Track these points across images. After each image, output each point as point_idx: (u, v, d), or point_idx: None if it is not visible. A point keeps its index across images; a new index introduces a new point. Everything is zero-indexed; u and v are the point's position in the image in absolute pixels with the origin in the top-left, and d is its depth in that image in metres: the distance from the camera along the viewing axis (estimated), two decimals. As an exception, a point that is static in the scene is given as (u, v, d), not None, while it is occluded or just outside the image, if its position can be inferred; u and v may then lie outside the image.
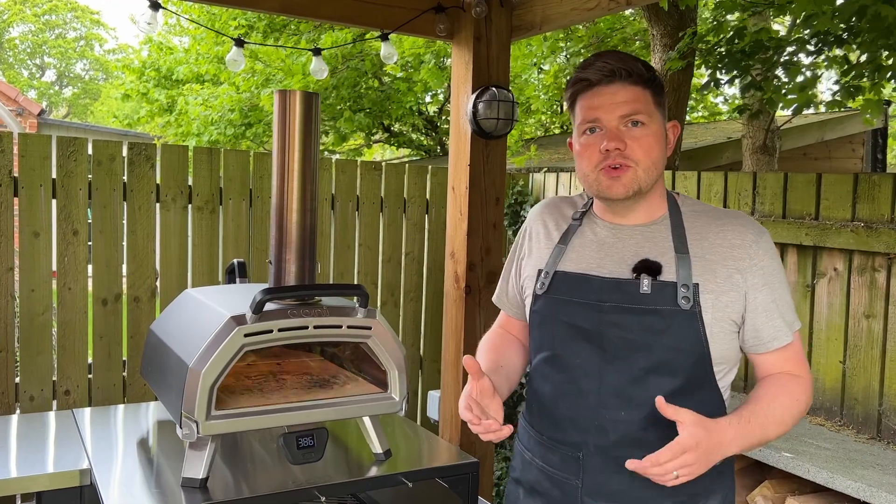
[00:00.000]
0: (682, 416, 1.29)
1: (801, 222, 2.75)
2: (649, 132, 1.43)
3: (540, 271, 1.56)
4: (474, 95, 2.96)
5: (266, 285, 1.93)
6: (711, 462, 1.32)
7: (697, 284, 1.40)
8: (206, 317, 1.79)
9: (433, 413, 3.50)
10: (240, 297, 1.96)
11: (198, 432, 1.65)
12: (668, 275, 1.42)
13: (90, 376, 3.20)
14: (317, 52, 2.93)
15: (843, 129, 6.28)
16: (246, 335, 1.68)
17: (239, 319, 1.69)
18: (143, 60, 11.89)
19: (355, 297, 1.84)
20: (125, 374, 3.27)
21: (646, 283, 1.41)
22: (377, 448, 1.98)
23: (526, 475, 1.60)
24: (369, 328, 1.85)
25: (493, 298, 1.79)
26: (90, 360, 3.20)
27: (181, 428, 1.66)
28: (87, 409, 2.38)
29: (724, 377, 1.47)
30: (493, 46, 3.00)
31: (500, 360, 1.64)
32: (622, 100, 1.42)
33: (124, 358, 3.28)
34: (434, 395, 3.45)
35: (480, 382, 1.42)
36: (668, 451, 1.27)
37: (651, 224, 1.49)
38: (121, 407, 2.47)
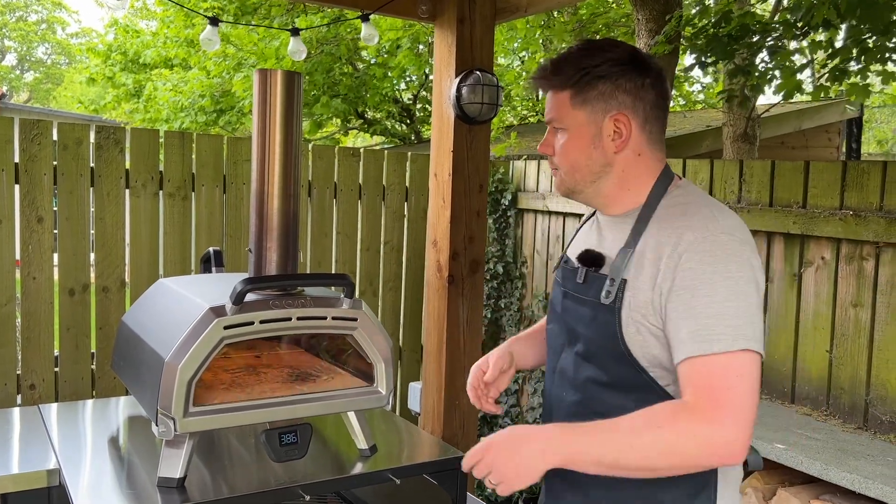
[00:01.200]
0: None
1: (789, 210, 2.72)
2: (566, 136, 1.42)
3: (562, 256, 1.64)
4: (458, 79, 2.88)
5: (245, 275, 1.84)
6: (522, 468, 1.23)
7: (625, 280, 1.34)
8: (182, 308, 1.70)
9: (414, 405, 3.43)
10: (218, 288, 1.86)
11: (175, 430, 1.56)
12: (607, 268, 1.41)
13: (57, 370, 3.07)
14: (295, 32, 2.82)
15: (821, 118, 6.32)
16: (226, 327, 1.59)
17: (218, 311, 1.60)
18: (109, 44, 11.59)
19: (341, 288, 1.75)
20: (94, 366, 3.15)
21: (581, 274, 1.44)
22: (362, 444, 1.90)
23: None
24: (355, 319, 1.77)
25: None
26: (56, 352, 3.08)
27: (157, 425, 1.57)
28: (54, 405, 2.26)
29: (673, 387, 1.32)
30: (478, 28, 2.92)
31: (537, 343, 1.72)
32: (547, 107, 1.46)
33: (93, 350, 3.15)
34: (415, 387, 3.38)
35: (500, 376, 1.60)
36: (469, 457, 1.31)
37: (622, 216, 1.45)
38: (89, 402, 2.35)
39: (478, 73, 2.88)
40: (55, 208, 3.01)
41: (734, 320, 1.22)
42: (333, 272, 3.67)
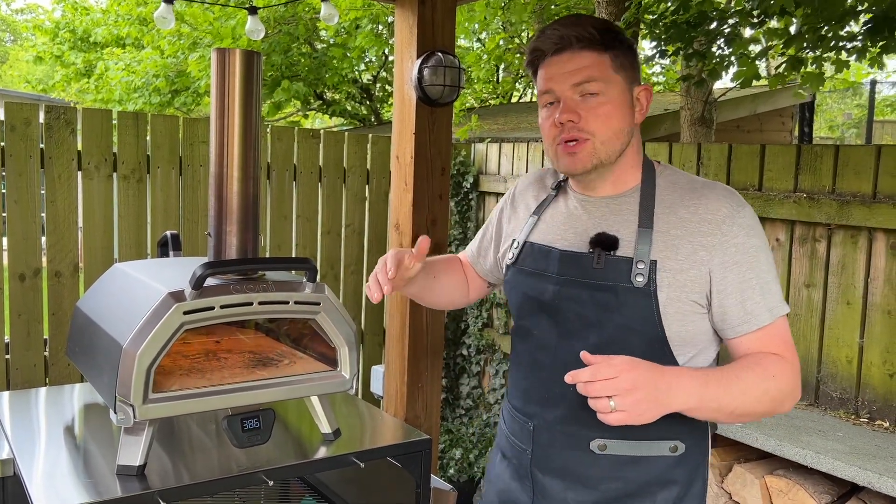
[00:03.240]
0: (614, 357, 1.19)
1: (745, 193, 2.77)
2: (606, 100, 1.34)
3: (514, 241, 1.55)
4: (419, 61, 2.86)
5: (204, 259, 1.80)
6: (661, 404, 1.18)
7: (655, 261, 1.32)
8: (139, 293, 1.66)
9: (377, 388, 3.43)
10: (176, 272, 1.82)
11: (134, 417, 1.53)
12: (626, 250, 1.35)
13: (7, 357, 2.99)
14: (252, 10, 2.76)
15: (775, 102, 6.44)
16: (185, 312, 1.56)
17: (177, 296, 1.56)
18: (57, 21, 11.22)
19: (303, 272, 1.73)
20: (47, 353, 3.07)
21: (600, 258, 1.35)
22: (326, 428, 1.89)
23: (500, 440, 1.62)
24: (318, 304, 1.75)
25: (463, 254, 1.81)
26: (7, 339, 2.99)
27: (115, 413, 1.54)
28: (6, 394, 2.20)
29: (692, 361, 1.37)
30: (439, 9, 2.89)
31: (440, 272, 1.70)
32: (574, 67, 1.35)
33: (45, 336, 3.07)
34: (378, 370, 3.37)
35: (411, 258, 1.45)
36: (589, 370, 1.16)
37: (619, 196, 1.41)
38: (42, 390, 2.29)
39: (439, 54, 2.86)
40: (3, 191, 2.92)
41: (776, 287, 1.35)
42: (294, 256, 3.63)
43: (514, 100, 10.88)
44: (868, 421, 2.45)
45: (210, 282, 1.62)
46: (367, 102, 10.33)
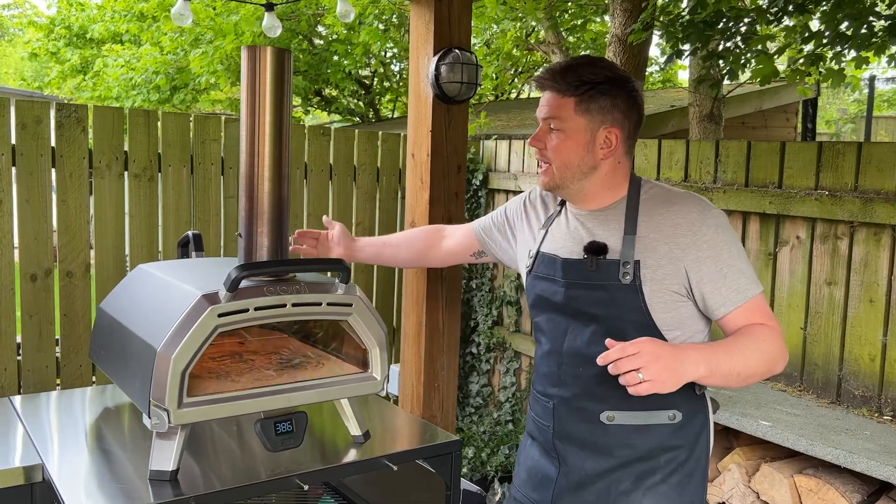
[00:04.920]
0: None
1: (765, 191, 2.75)
2: (565, 137, 1.62)
3: (529, 251, 1.80)
4: (436, 58, 2.83)
5: (229, 259, 1.78)
6: (678, 373, 1.41)
7: (638, 261, 1.57)
8: (171, 295, 1.63)
9: (392, 388, 3.41)
10: (205, 273, 1.80)
11: (169, 422, 1.50)
12: (614, 254, 1.60)
13: (19, 358, 2.95)
14: (269, 7, 2.73)
15: (780, 98, 6.44)
16: (220, 315, 1.54)
17: (211, 298, 1.54)
18: (52, 17, 11.12)
19: (336, 273, 1.71)
20: (58, 354, 3.04)
21: (592, 262, 1.61)
22: (355, 430, 1.86)
23: (529, 425, 1.86)
24: (350, 305, 1.73)
25: (475, 224, 2.06)
26: (19, 340, 2.95)
27: (149, 417, 1.51)
28: (18, 398, 2.16)
29: (684, 342, 1.59)
30: (455, 5, 2.86)
31: (390, 243, 2.23)
32: (545, 104, 1.65)
33: (57, 337, 3.03)
34: (394, 370, 3.35)
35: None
36: (616, 350, 1.39)
37: (605, 209, 1.67)
38: (53, 394, 2.25)
39: (456, 51, 2.84)
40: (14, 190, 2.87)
41: (749, 270, 1.59)
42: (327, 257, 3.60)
43: (512, 96, 10.86)
44: (892, 419, 2.44)
45: (242, 284, 1.59)
46: (367, 99, 10.28)
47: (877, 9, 2.95)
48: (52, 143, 2.92)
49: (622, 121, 1.62)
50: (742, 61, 3.35)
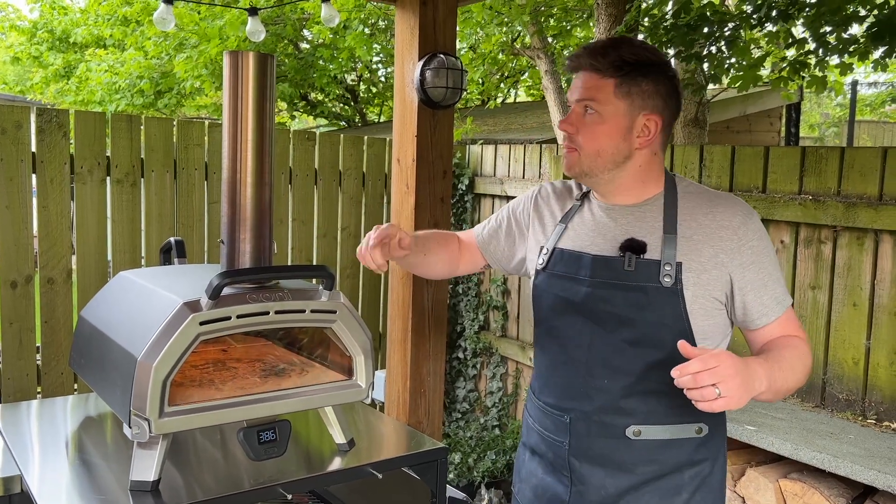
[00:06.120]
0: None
1: (749, 195, 2.76)
2: (599, 120, 1.48)
3: (542, 248, 1.64)
4: (421, 63, 2.82)
5: (211, 266, 1.76)
6: (749, 389, 1.28)
7: (681, 263, 1.46)
8: (152, 303, 1.61)
9: (378, 394, 3.39)
10: (187, 281, 1.78)
11: (150, 431, 1.48)
12: (654, 253, 1.48)
13: (-1, 366, 2.91)
14: (253, 11, 2.71)
15: (763, 103, 6.49)
16: (202, 323, 1.52)
17: (193, 306, 1.52)
18: (34, 21, 11.03)
19: (319, 279, 1.69)
20: (39, 362, 3.00)
21: (630, 261, 1.47)
22: (340, 438, 1.85)
23: (529, 439, 1.71)
24: (334, 312, 1.71)
25: (475, 230, 1.86)
26: (-1, 348, 2.92)
27: (130, 427, 1.49)
28: (-1, 406, 2.13)
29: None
30: (440, 10, 2.86)
31: (430, 250, 1.78)
32: (580, 86, 1.50)
33: (38, 344, 3.00)
34: (379, 376, 3.33)
35: (403, 239, 1.59)
36: (697, 361, 1.24)
37: (641, 204, 1.54)
38: (34, 402, 2.21)
39: (441, 56, 2.83)
40: (-6, 196, 2.84)
41: (783, 281, 1.51)
42: (311, 263, 3.58)
43: (498, 101, 10.87)
44: (876, 423, 2.46)
45: (224, 291, 1.57)
46: (353, 103, 10.25)
47: (860, 14, 2.97)
48: (33, 149, 2.89)
49: (662, 108, 1.49)
50: (725, 66, 3.37)
